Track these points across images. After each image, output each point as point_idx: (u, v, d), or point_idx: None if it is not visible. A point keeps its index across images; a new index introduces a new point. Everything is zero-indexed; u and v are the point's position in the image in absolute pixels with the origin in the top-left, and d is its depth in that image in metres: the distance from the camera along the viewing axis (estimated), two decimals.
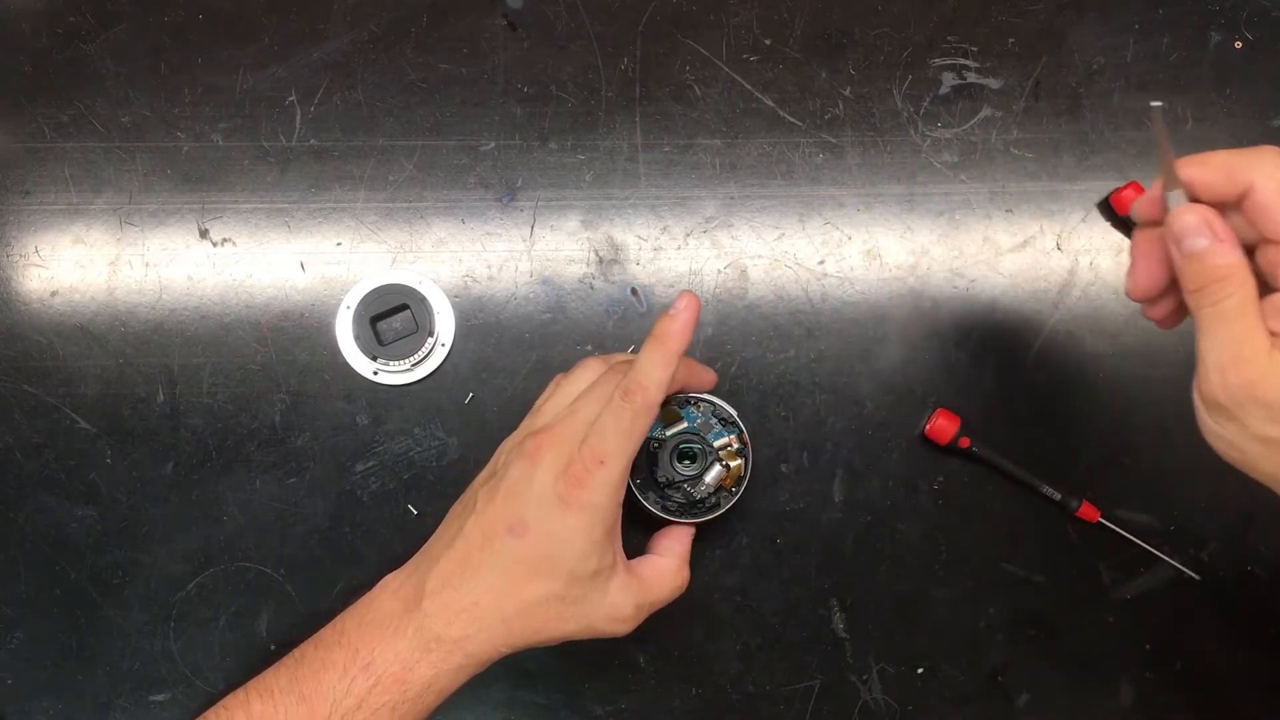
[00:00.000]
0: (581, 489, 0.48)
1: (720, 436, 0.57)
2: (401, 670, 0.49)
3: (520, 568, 0.49)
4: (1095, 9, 0.65)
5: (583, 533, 0.48)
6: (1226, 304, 0.42)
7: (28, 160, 0.63)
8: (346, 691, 0.49)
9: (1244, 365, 0.41)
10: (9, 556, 0.60)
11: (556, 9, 0.64)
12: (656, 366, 0.48)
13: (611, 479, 0.48)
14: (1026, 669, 0.61)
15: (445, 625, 0.49)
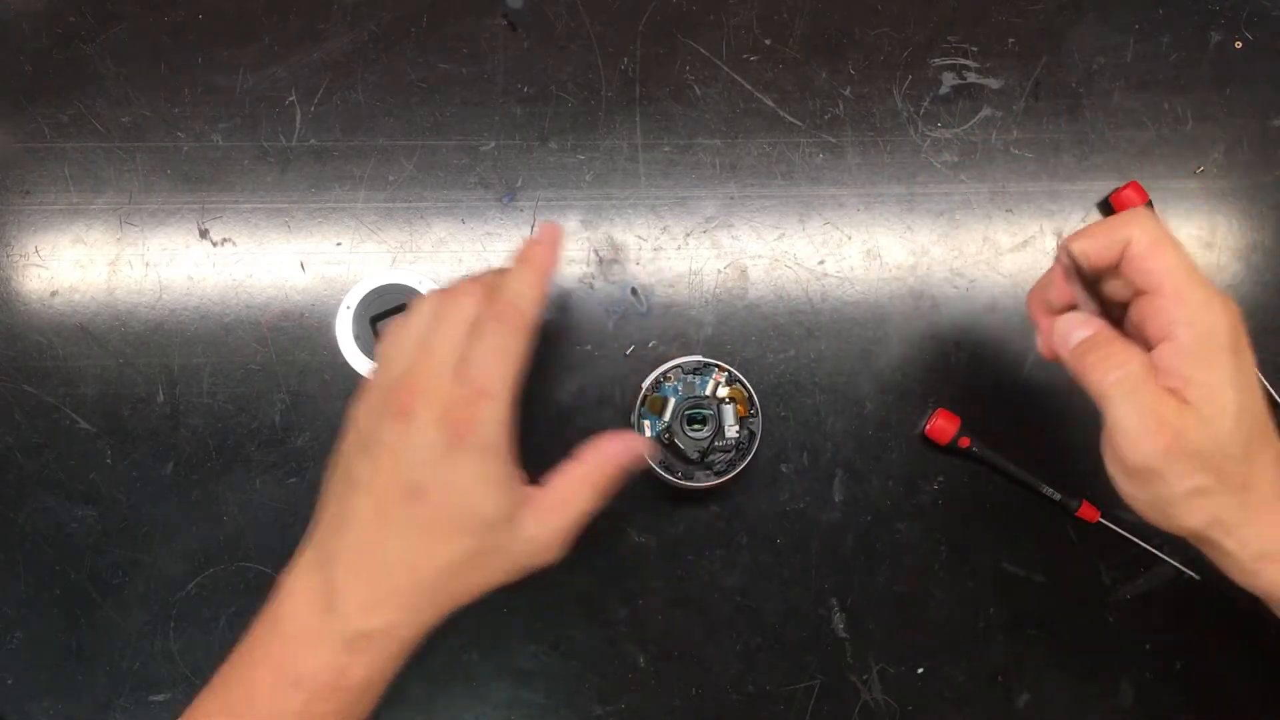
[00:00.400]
0: (469, 432, 0.44)
1: (706, 384, 0.58)
2: (334, 678, 0.46)
3: (427, 534, 0.45)
4: (1095, 9, 0.65)
5: (481, 478, 0.45)
6: (1130, 373, 0.43)
7: (28, 160, 0.63)
8: (284, 710, 0.46)
9: (1164, 426, 0.42)
10: (9, 556, 0.60)
11: (556, 9, 0.64)
12: (530, 286, 0.47)
13: (499, 412, 0.45)
14: (1026, 669, 0.61)
15: (367, 620, 0.46)
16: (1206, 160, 0.64)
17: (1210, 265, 0.63)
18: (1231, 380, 0.42)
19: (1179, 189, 0.63)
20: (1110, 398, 0.43)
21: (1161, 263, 0.44)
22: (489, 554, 0.47)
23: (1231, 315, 0.44)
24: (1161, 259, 0.44)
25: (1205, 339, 0.43)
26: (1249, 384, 0.43)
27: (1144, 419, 0.42)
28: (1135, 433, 0.43)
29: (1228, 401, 0.42)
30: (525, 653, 0.60)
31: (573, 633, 0.60)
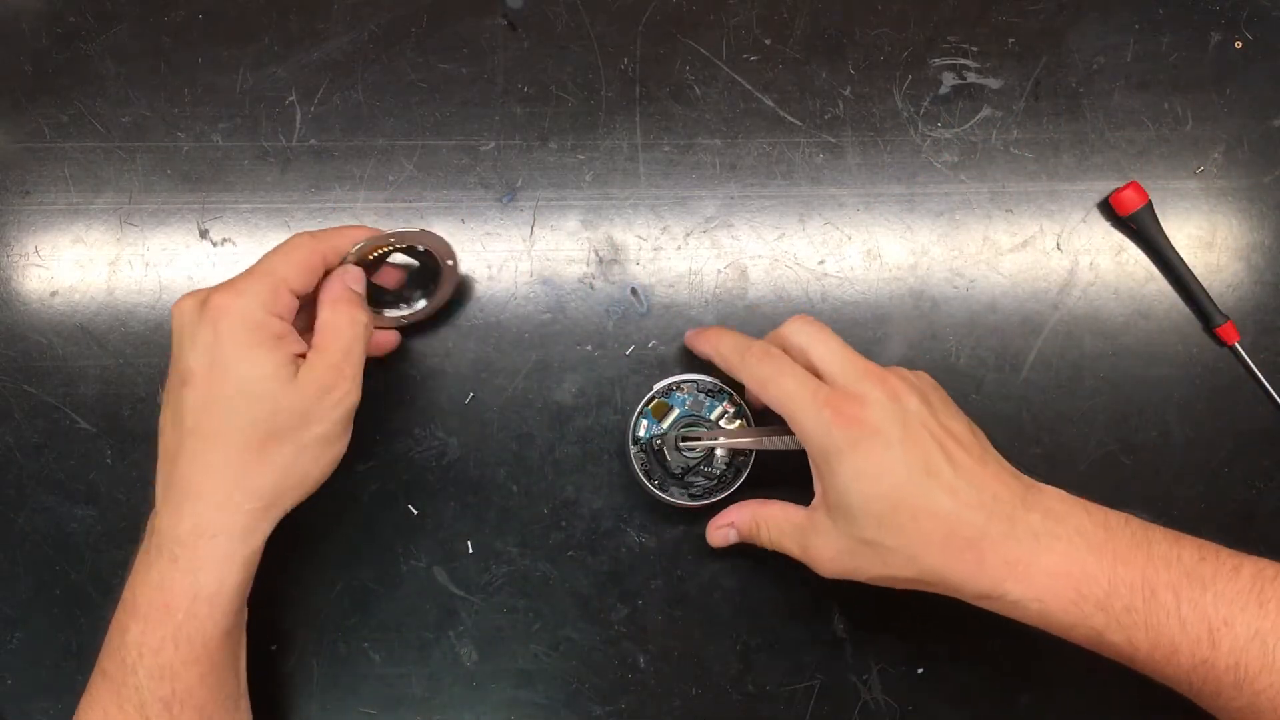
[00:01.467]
0: (221, 316, 0.48)
1: (714, 408, 0.58)
2: (162, 596, 0.47)
3: (203, 413, 0.47)
4: (1095, 9, 0.65)
5: (237, 344, 0.47)
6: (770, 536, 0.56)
7: (28, 160, 0.63)
8: (127, 645, 0.48)
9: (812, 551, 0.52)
10: (9, 556, 0.60)
11: (556, 9, 0.64)
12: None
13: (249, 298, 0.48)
14: (1026, 669, 0.60)
15: (175, 524, 0.47)
16: (1206, 160, 0.64)
17: (1210, 265, 0.63)
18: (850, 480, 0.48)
19: (1179, 189, 0.63)
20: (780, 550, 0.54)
21: (770, 399, 0.51)
22: (266, 411, 0.47)
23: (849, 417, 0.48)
24: (769, 397, 0.51)
25: (821, 453, 0.49)
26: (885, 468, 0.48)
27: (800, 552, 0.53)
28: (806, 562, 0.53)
29: (849, 500, 0.48)
30: (525, 653, 0.60)
31: (573, 633, 0.60)
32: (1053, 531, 0.48)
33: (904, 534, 0.48)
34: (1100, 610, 0.47)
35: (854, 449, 0.48)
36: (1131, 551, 0.48)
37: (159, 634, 0.48)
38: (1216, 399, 0.62)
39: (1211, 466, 0.62)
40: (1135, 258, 0.63)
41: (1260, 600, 0.46)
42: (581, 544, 0.61)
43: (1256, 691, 0.46)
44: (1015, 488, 0.49)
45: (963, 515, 0.47)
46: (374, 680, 0.59)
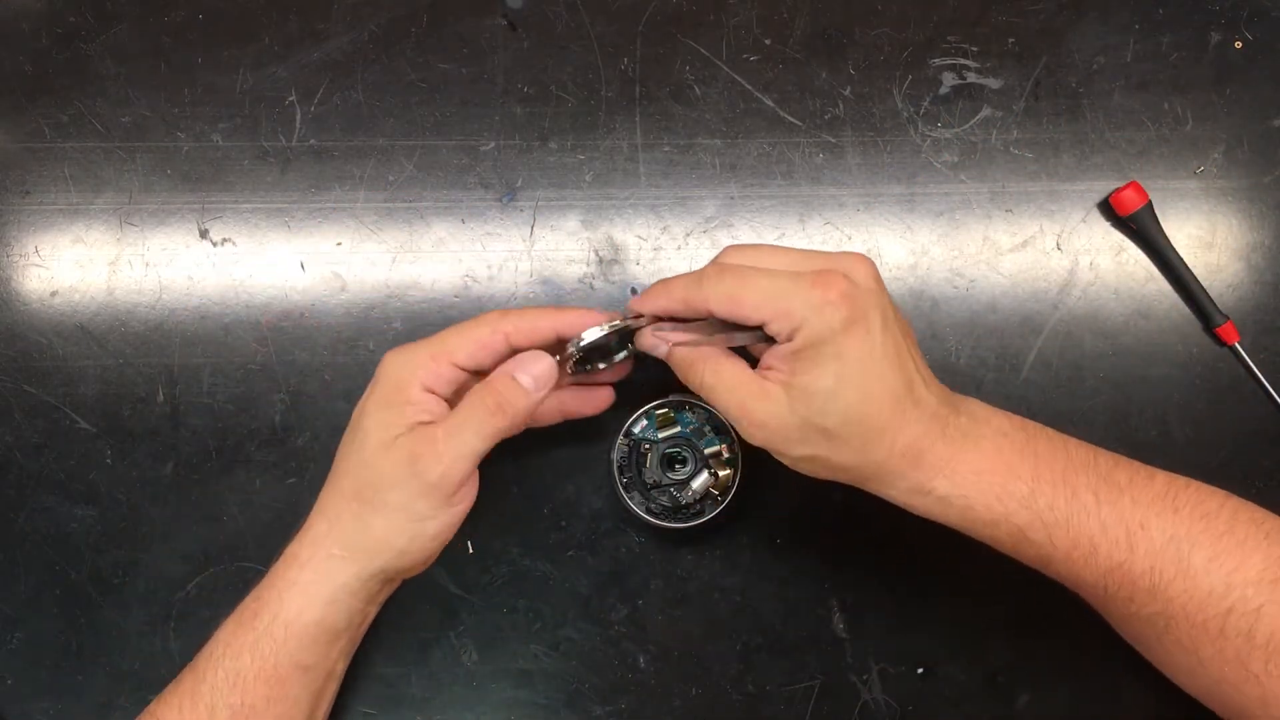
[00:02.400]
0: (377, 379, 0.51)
1: (713, 444, 0.57)
2: (255, 603, 0.49)
3: (339, 453, 0.51)
4: (1095, 9, 0.65)
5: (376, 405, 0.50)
6: (704, 378, 0.49)
7: (28, 160, 0.63)
8: (216, 640, 0.50)
9: (747, 413, 0.48)
10: (9, 556, 0.60)
11: (556, 9, 0.64)
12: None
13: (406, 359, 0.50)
14: (1026, 669, 0.60)
15: (288, 545, 0.50)
16: (1206, 160, 0.64)
17: (1210, 265, 0.63)
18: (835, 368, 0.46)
19: (1179, 189, 0.63)
20: (709, 398, 0.49)
21: (749, 308, 0.47)
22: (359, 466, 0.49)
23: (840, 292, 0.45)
24: (747, 305, 0.47)
25: (813, 337, 0.46)
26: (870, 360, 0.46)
27: (735, 409, 0.48)
28: (735, 421, 0.49)
29: (827, 388, 0.46)
30: (525, 653, 0.60)
31: (573, 633, 0.60)
32: (979, 432, 0.48)
33: (864, 427, 0.46)
34: (1023, 508, 0.47)
35: (846, 333, 0.45)
36: (1051, 453, 0.48)
37: (242, 639, 0.49)
38: (1216, 399, 0.62)
39: (1211, 466, 0.62)
40: (1135, 258, 0.63)
41: (1174, 506, 0.47)
42: (581, 544, 0.61)
43: (1169, 598, 0.46)
44: (944, 390, 0.50)
45: (911, 412, 0.47)
46: (374, 680, 0.59)
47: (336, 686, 0.54)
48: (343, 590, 0.50)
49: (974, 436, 0.48)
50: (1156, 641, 0.49)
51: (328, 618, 0.50)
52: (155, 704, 0.51)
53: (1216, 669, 0.47)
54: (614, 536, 0.61)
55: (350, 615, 0.51)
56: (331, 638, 0.50)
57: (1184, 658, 0.48)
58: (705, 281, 0.48)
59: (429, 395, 0.50)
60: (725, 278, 0.48)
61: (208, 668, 0.49)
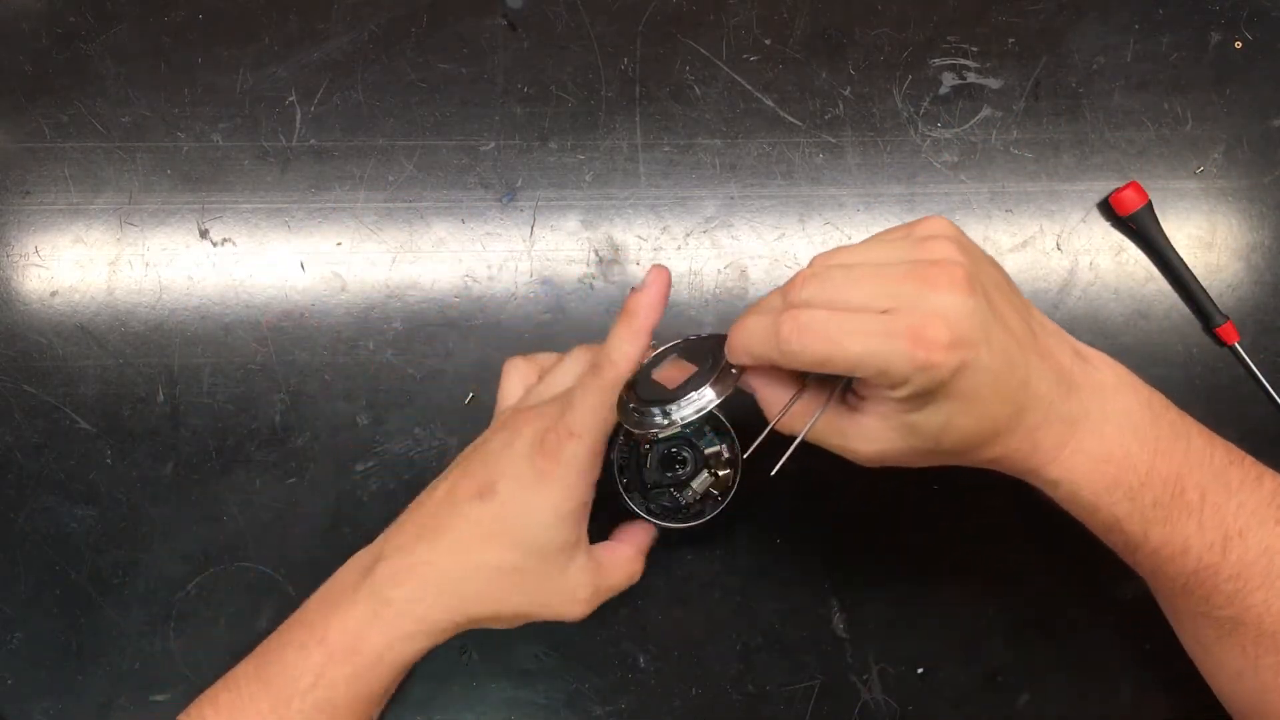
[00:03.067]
0: (554, 461, 0.47)
1: (712, 445, 0.57)
2: (353, 640, 0.48)
3: (480, 531, 0.48)
4: (1095, 9, 0.65)
5: (550, 505, 0.48)
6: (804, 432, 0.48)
7: (28, 160, 0.63)
8: (304, 669, 0.49)
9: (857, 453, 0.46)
10: (9, 556, 0.60)
11: (556, 9, 0.64)
12: (625, 341, 0.47)
13: (581, 453, 0.48)
14: (1026, 669, 0.60)
15: (394, 586, 0.49)
16: (1206, 160, 0.64)
17: (1210, 265, 0.63)
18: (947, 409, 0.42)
19: (1179, 189, 0.63)
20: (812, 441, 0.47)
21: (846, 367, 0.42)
22: (526, 576, 0.49)
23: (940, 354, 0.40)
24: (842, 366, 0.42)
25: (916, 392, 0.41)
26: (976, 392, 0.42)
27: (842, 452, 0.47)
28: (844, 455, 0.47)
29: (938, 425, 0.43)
30: (525, 653, 0.60)
31: (573, 633, 0.60)
32: (1102, 411, 0.46)
33: (983, 442, 0.44)
34: (1128, 499, 0.45)
35: (955, 380, 0.41)
36: (1172, 443, 0.46)
37: (339, 672, 0.48)
38: (1216, 399, 0.62)
39: None
40: (1135, 258, 0.63)
41: (1278, 517, 0.46)
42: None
43: (1247, 606, 0.46)
44: (1067, 358, 0.46)
45: (1030, 405, 0.44)
46: None
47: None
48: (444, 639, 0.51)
49: (1096, 418, 0.45)
50: (1216, 642, 0.48)
51: (421, 657, 0.51)
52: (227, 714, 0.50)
53: (1271, 678, 0.46)
54: None
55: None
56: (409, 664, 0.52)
57: (1239, 662, 0.47)
58: (786, 345, 0.42)
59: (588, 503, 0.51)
60: (809, 339, 0.41)
61: (293, 694, 0.48)
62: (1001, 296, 0.44)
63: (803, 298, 0.43)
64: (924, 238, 0.43)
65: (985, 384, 0.42)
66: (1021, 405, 0.44)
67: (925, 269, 0.41)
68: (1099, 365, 0.47)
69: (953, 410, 0.42)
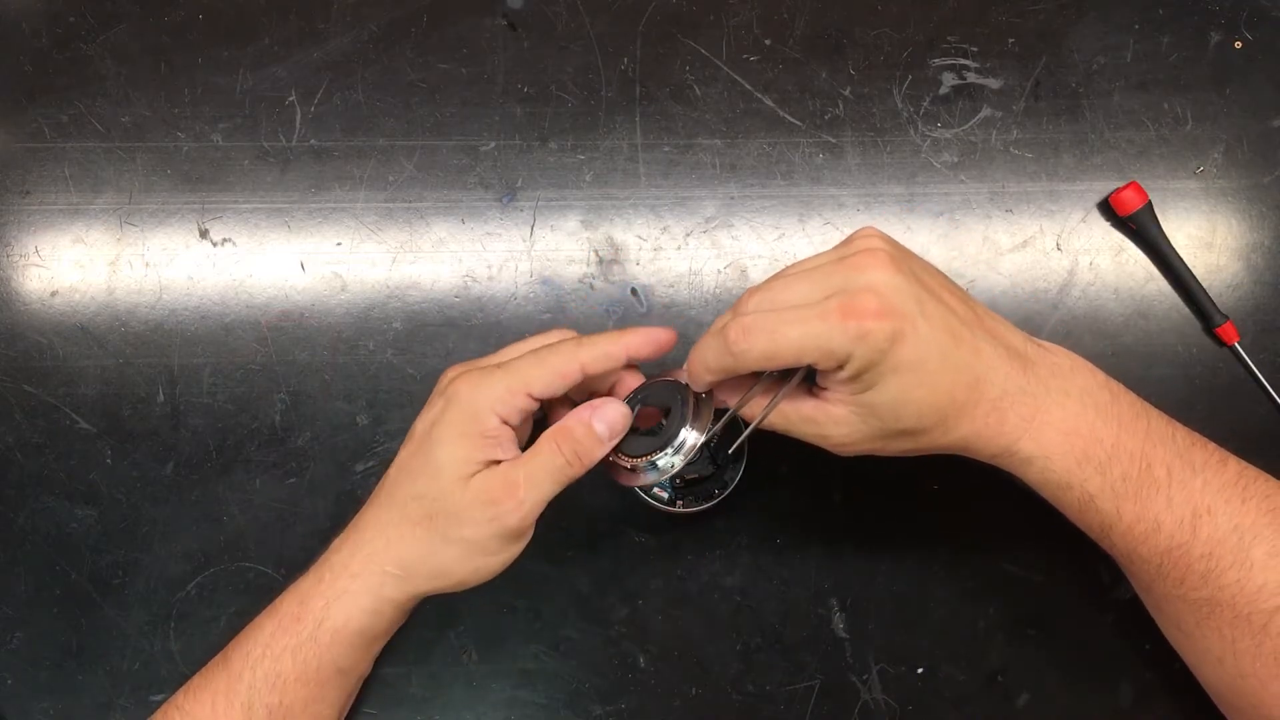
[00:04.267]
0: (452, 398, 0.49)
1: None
2: (298, 608, 0.50)
3: (399, 471, 0.50)
4: (1095, 9, 0.65)
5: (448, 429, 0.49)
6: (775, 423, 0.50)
7: (28, 160, 0.63)
8: (255, 641, 0.50)
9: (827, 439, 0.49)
10: (9, 556, 0.60)
11: (556, 9, 0.64)
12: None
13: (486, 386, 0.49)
14: (1026, 669, 0.60)
15: (335, 550, 0.51)
16: (1206, 160, 0.64)
17: (1210, 265, 0.63)
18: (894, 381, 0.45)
19: (1179, 189, 0.63)
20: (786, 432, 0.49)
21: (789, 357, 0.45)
22: (437, 502, 0.48)
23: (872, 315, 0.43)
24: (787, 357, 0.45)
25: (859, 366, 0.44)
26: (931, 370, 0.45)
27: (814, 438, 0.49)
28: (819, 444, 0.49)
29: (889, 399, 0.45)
30: (525, 653, 0.60)
31: (573, 633, 0.60)
32: (1063, 388, 0.47)
33: (942, 416, 0.46)
34: (1099, 474, 0.47)
35: (894, 348, 0.44)
36: (1134, 420, 0.48)
37: (284, 642, 0.49)
38: (1216, 399, 0.62)
39: None
40: (1135, 258, 0.63)
41: (1244, 496, 0.47)
42: (581, 544, 0.61)
43: (1221, 586, 0.46)
44: (1018, 339, 0.48)
45: (987, 375, 0.46)
46: (374, 680, 0.59)
47: (359, 684, 0.56)
48: (390, 604, 0.50)
49: (1059, 393, 0.47)
50: (1195, 626, 0.48)
51: (371, 627, 0.51)
52: (183, 695, 0.52)
53: (1248, 663, 0.47)
54: (614, 536, 0.61)
55: (390, 624, 0.52)
56: (369, 643, 0.52)
57: (1218, 646, 0.48)
58: (735, 346, 0.46)
59: (505, 428, 0.49)
60: (753, 337, 0.45)
61: (244, 667, 0.50)
62: (934, 280, 0.47)
63: (747, 309, 0.47)
64: (852, 241, 0.47)
65: (931, 355, 0.44)
66: (976, 376, 0.46)
67: (851, 258, 0.45)
68: (1053, 350, 0.49)
69: (903, 384, 0.45)
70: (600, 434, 0.49)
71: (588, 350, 0.49)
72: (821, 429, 0.48)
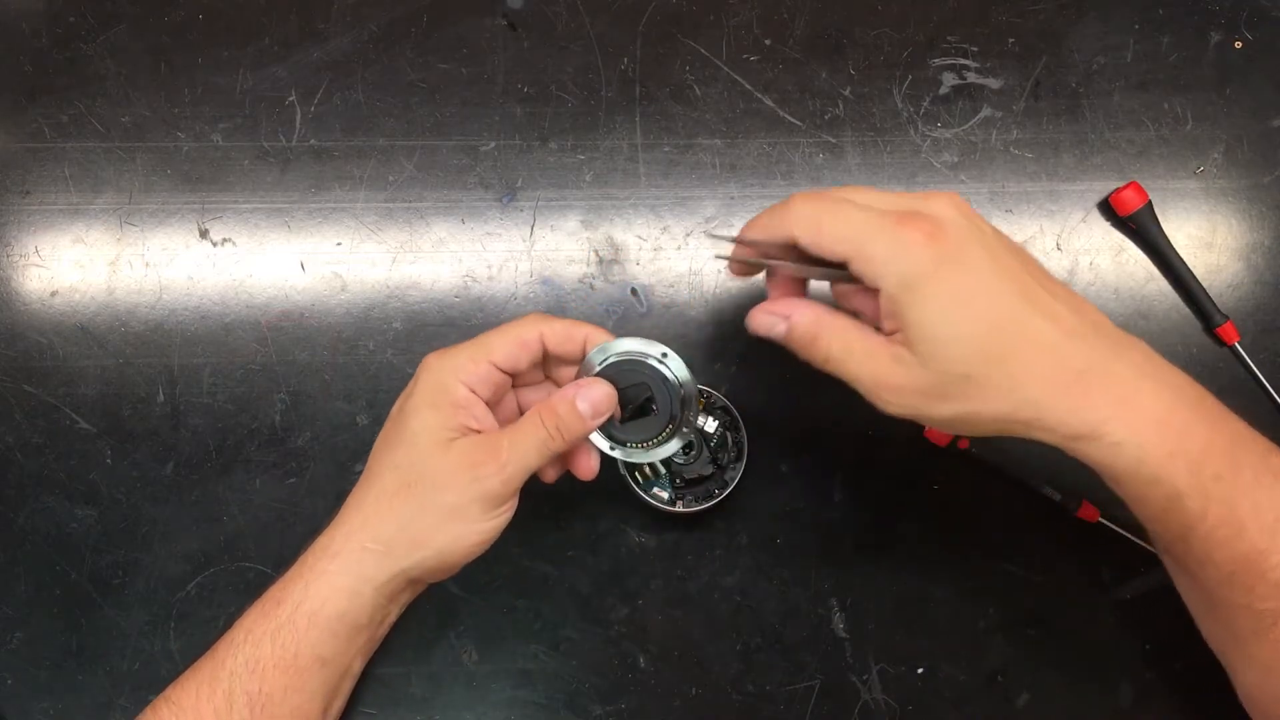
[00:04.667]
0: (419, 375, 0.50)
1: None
2: (279, 592, 0.50)
3: (377, 451, 0.51)
4: (1095, 9, 0.65)
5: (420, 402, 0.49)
6: (831, 350, 0.46)
7: (28, 160, 0.63)
8: (239, 629, 0.50)
9: (886, 380, 0.45)
10: (9, 556, 0.60)
11: (556, 9, 0.64)
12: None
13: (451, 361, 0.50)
14: (1026, 669, 0.60)
15: (319, 536, 0.50)
16: (1206, 160, 0.64)
17: (1210, 265, 0.63)
18: (939, 306, 0.43)
19: (1179, 189, 0.63)
20: (838, 371, 0.46)
21: (829, 239, 0.45)
22: (409, 463, 0.49)
23: (924, 233, 0.43)
24: (827, 236, 0.45)
25: (902, 281, 0.43)
26: (975, 290, 0.43)
27: (868, 387, 0.45)
28: (870, 398, 0.46)
29: (939, 331, 0.43)
30: (525, 653, 0.60)
31: (573, 633, 0.60)
32: (1156, 376, 0.44)
33: (1004, 364, 0.43)
34: (1189, 472, 0.44)
35: (941, 269, 0.42)
36: (1223, 421, 0.45)
37: (264, 626, 0.49)
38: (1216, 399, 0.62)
39: None
40: (1135, 258, 0.63)
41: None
42: (581, 544, 0.61)
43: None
44: (1107, 321, 0.46)
45: (1067, 343, 0.43)
46: (374, 680, 0.59)
47: (352, 685, 0.54)
48: (369, 584, 0.50)
49: (1150, 379, 0.44)
50: (1252, 634, 0.46)
51: (350, 611, 0.50)
52: (172, 687, 0.52)
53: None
54: (614, 536, 0.61)
55: (373, 611, 0.51)
56: (352, 632, 0.50)
57: (1271, 656, 0.46)
58: (791, 205, 0.46)
59: (473, 397, 0.50)
60: (811, 203, 0.46)
61: (227, 654, 0.50)
62: (1004, 242, 0.45)
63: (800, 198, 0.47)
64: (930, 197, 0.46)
65: (981, 285, 0.43)
66: (1039, 329, 0.43)
67: (927, 194, 0.45)
68: (1136, 339, 0.47)
69: (949, 307, 0.43)
70: (583, 411, 0.50)
71: (548, 324, 0.51)
72: (876, 368, 0.45)
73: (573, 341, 0.51)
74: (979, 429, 0.45)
